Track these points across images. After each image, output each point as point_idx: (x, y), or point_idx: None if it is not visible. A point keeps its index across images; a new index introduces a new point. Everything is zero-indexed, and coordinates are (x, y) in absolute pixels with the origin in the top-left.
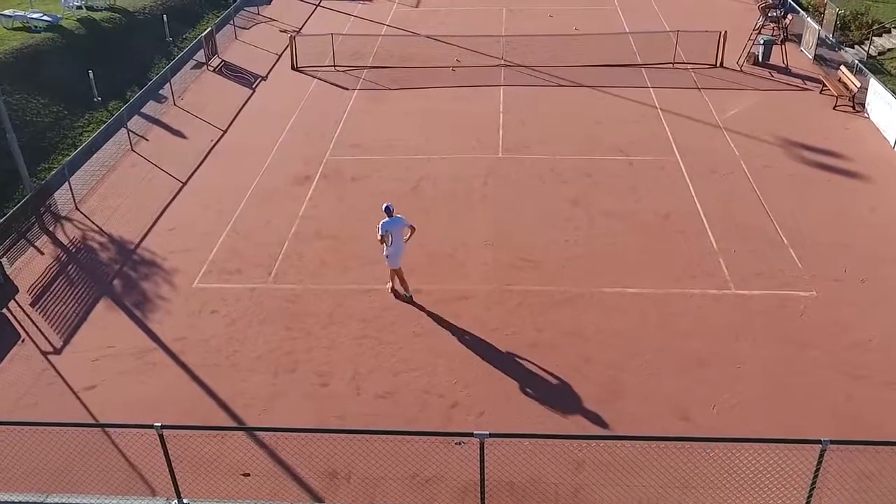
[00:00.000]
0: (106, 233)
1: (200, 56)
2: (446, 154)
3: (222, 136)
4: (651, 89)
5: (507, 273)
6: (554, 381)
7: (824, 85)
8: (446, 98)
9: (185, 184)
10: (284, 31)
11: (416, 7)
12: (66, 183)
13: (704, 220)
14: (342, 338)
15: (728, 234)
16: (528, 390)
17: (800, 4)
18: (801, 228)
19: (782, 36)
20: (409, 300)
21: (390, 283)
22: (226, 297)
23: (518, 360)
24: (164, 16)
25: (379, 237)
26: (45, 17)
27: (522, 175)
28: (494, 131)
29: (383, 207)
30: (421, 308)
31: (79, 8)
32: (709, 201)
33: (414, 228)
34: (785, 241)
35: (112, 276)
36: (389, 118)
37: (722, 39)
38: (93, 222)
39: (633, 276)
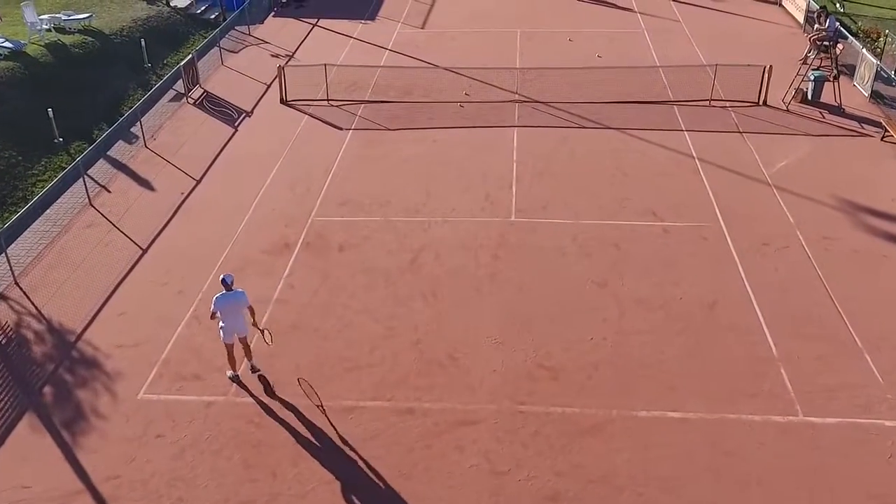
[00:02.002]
0: (45, 318)
1: (180, 85)
2: (450, 216)
3: (195, 187)
4: (686, 133)
5: (520, 385)
6: None
7: (886, 130)
8: (452, 142)
9: (145, 251)
10: (276, 56)
11: (423, 28)
12: (3, 254)
13: (759, 312)
14: (315, 482)
15: (788, 331)
16: None
17: (849, 31)
18: (877, 325)
19: (835, 72)
20: (248, 375)
21: (230, 371)
22: (176, 414)
23: None
24: (143, 40)
25: (210, 314)
26: (6, 44)
27: (539, 246)
28: (507, 186)
29: (220, 279)
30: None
31: (48, 31)
32: (762, 285)
33: (253, 311)
34: (858, 342)
35: (43, 380)
36: (386, 167)
37: (766, 75)
38: (32, 302)
39: (674, 392)
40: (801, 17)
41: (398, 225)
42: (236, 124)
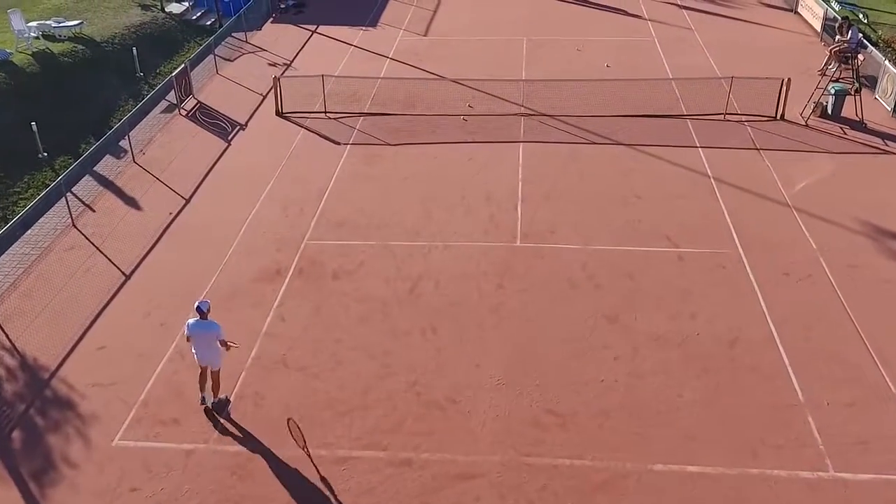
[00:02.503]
0: (18, 352)
1: (173, 96)
2: (452, 240)
3: (184, 206)
4: (700, 149)
5: (526, 433)
6: None
7: None
8: (454, 158)
9: (128, 277)
10: (273, 65)
11: (425, 35)
12: None
13: (782, 351)
14: None
15: (815, 373)
16: None
17: (869, 41)
18: None
19: (856, 85)
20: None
21: (201, 395)
22: (153, 463)
23: None
24: (134, 48)
25: (185, 336)
26: None
27: (546, 275)
28: (512, 208)
29: (195, 306)
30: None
31: (36, 39)
32: (785, 320)
33: (226, 346)
34: (892, 386)
35: (13, 423)
36: (385, 186)
37: (784, 88)
38: (5, 334)
39: (693, 443)
40: (818, 26)
41: (396, 250)
42: (230, 138)
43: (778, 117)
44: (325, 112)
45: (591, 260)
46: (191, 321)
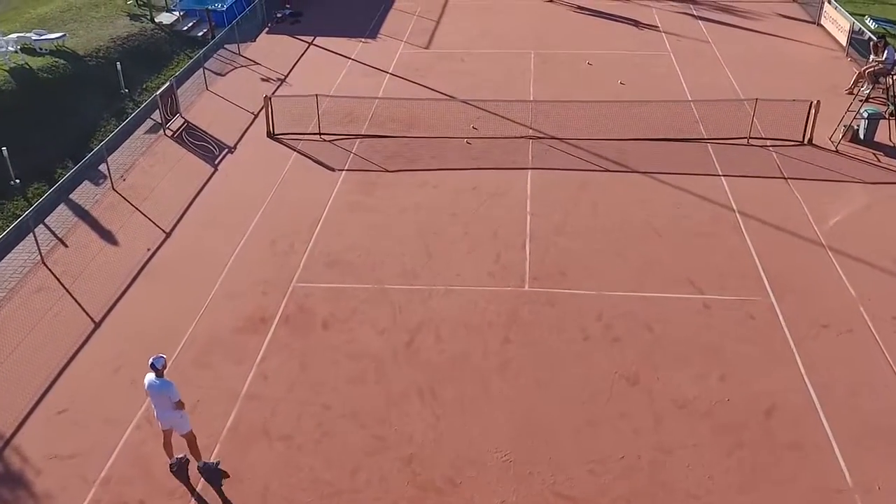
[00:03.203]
0: None
1: (159, 114)
2: (454, 283)
3: (164, 241)
4: (723, 178)
5: None
6: None
7: None
8: (458, 187)
9: (98, 324)
10: (266, 80)
11: (427, 48)
12: None
13: (825, 423)
14: None
15: (863, 450)
16: None
17: None
18: None
19: (890, 108)
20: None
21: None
22: None
23: None
24: (119, 63)
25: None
26: None
27: (558, 326)
28: (519, 245)
29: (149, 361)
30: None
31: (14, 53)
32: (826, 384)
33: (181, 406)
34: None
35: None
36: (382, 219)
37: (813, 111)
38: None
39: None
40: (843, 39)
41: (393, 294)
42: (217, 162)
43: (805, 142)
44: (320, 134)
45: (606, 308)
46: (147, 378)
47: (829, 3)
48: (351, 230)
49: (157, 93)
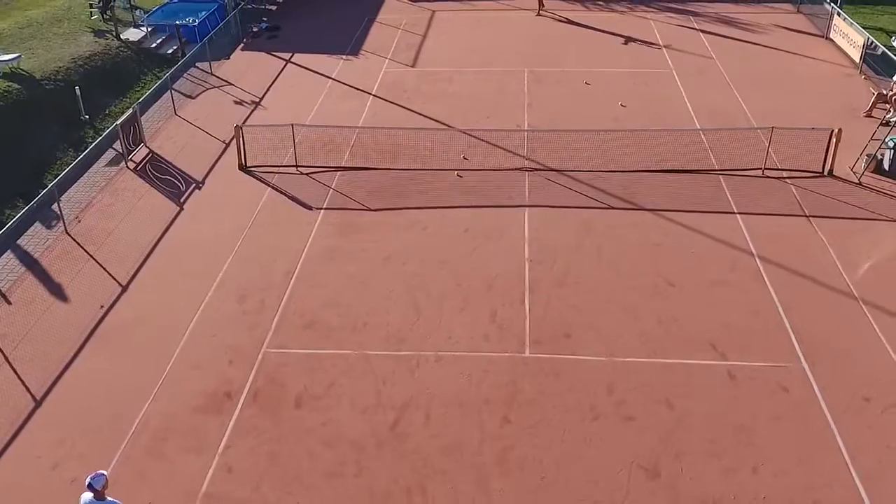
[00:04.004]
0: None
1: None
2: (446, 347)
3: (120, 295)
4: (739, 217)
5: None
6: None
7: None
8: (448, 229)
9: (39, 403)
10: (240, 103)
11: (413, 67)
12: None
13: None
14: None
15: None
16: None
17: None
18: None
19: None
20: None
21: None
22: None
23: None
24: (77, 87)
25: None
26: None
27: (563, 401)
28: (518, 300)
29: (86, 481)
30: None
31: None
32: (874, 474)
33: None
34: None
35: None
36: (364, 267)
37: (835, 140)
38: None
39: None
40: (856, 56)
41: (376, 362)
42: (183, 199)
43: (825, 173)
44: (296, 166)
45: (618, 377)
46: (84, 498)
47: (839, 15)
48: (330, 282)
49: (119, 122)
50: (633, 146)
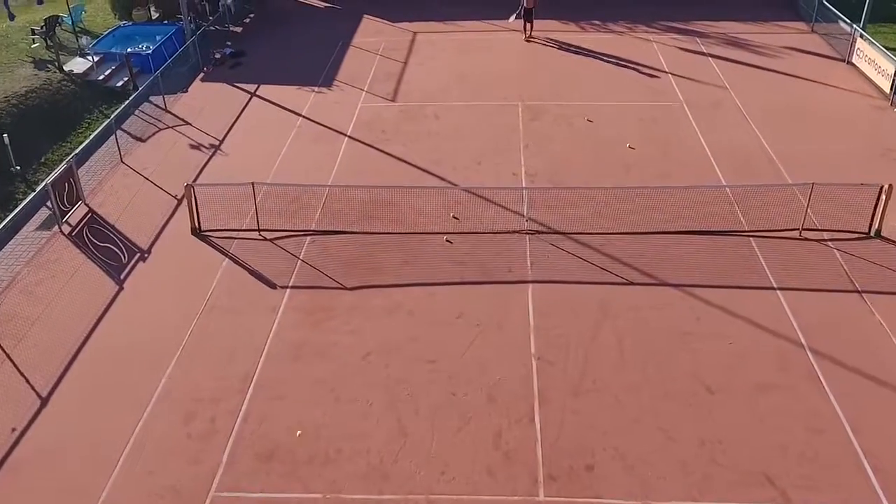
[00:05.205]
0: None
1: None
2: (439, 487)
3: (38, 413)
4: (779, 293)
5: None
6: None
7: None
8: (437, 314)
9: None
10: (197, 148)
11: (393, 101)
12: None
13: None
14: None
15: None
16: None
17: None
18: None
19: None
20: None
21: None
22: None
23: None
24: (6, 135)
25: None
26: None
27: None
28: (526, 417)
29: None
30: None
31: None
32: None
33: None
34: None
35: None
36: (338, 370)
37: (884, 198)
38: None
39: None
40: (885, 85)
41: None
42: (124, 275)
43: (872, 234)
44: (259, 230)
45: None
46: None
47: (863, 38)
48: (295, 392)
49: (49, 179)
50: (648, 200)
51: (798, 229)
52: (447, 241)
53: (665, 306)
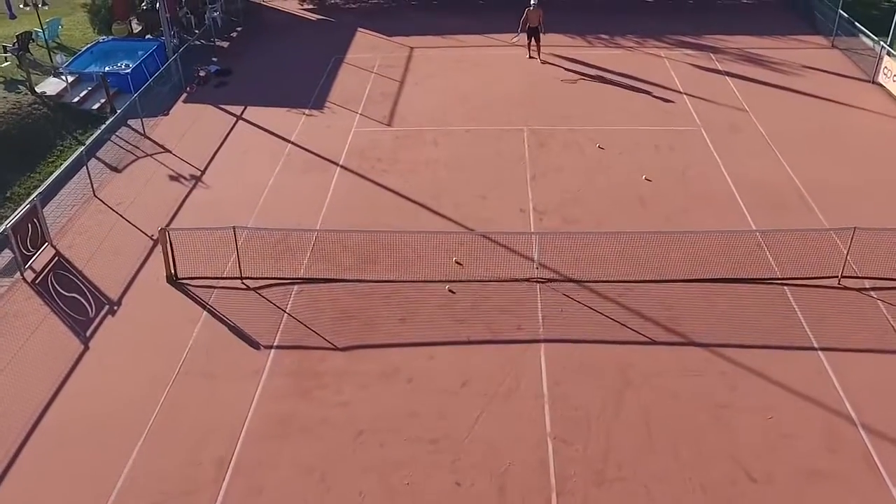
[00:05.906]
0: None
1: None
2: None
3: None
4: (821, 355)
5: None
6: None
7: None
8: (438, 381)
9: None
10: (176, 179)
11: (389, 126)
12: None
13: None
14: None
15: None
16: None
17: None
18: None
19: None
20: None
21: None
22: None
23: None
24: None
25: None
26: None
27: None
28: None
29: None
30: None
31: None
32: None
33: None
34: None
35: None
36: (329, 450)
37: None
38: None
39: None
40: None
41: None
42: (90, 332)
43: None
44: (241, 278)
45: None
46: None
47: (891, 55)
48: (278, 482)
49: (9, 223)
50: (670, 243)
51: (837, 277)
52: (449, 290)
53: (694, 371)
